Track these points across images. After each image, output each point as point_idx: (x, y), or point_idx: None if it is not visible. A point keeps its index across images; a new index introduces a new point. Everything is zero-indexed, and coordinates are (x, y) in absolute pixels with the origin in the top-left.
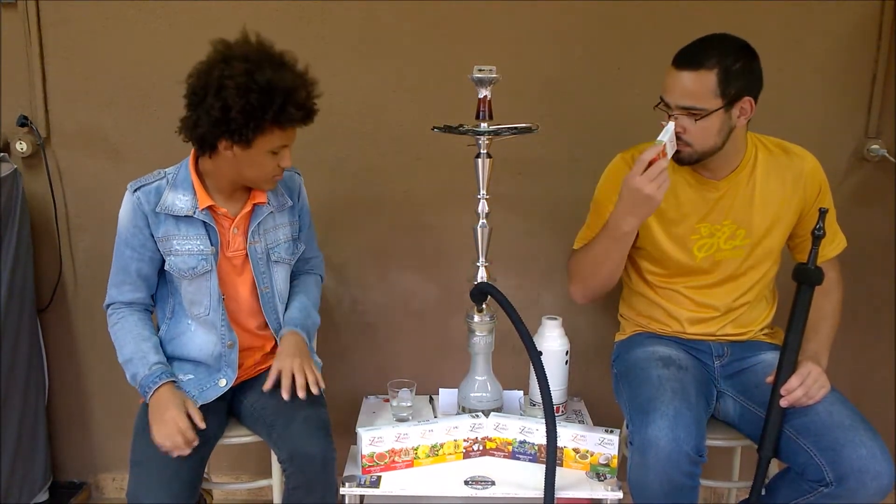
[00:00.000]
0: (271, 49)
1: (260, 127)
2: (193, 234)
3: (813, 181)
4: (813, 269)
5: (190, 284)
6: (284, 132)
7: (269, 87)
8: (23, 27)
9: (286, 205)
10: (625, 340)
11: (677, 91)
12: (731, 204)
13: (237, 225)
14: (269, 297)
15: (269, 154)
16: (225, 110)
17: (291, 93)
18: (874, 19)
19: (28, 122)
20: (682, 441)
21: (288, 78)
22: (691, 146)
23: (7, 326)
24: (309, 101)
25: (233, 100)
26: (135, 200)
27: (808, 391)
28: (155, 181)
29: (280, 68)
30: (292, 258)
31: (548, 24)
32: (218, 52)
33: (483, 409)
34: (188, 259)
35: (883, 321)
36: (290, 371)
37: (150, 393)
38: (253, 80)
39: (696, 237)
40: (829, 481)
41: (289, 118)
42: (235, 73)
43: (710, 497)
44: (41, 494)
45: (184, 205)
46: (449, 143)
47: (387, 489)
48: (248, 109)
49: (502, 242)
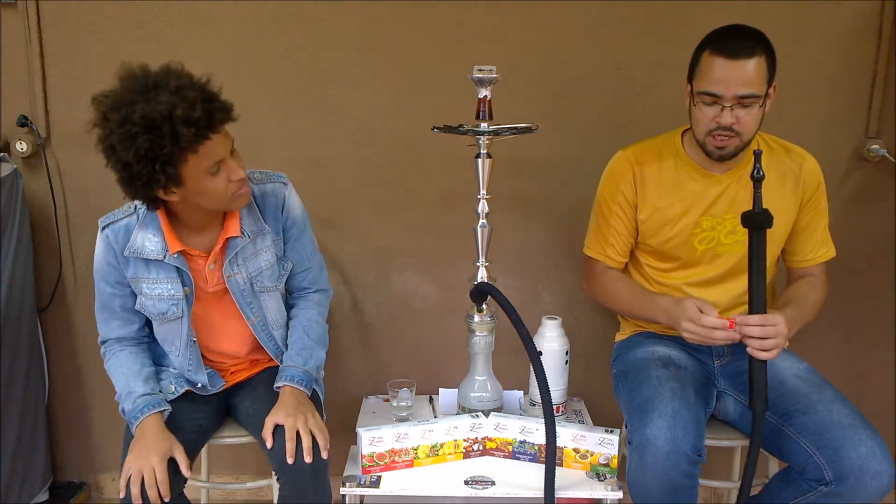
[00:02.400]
0: (144, 76)
1: (169, 163)
2: (164, 276)
3: (811, 179)
4: (759, 211)
5: (161, 325)
6: (199, 153)
7: (148, 121)
8: (23, 27)
9: (264, 230)
10: (624, 340)
11: (734, 81)
12: (733, 198)
13: (213, 260)
14: (262, 326)
15: (208, 177)
16: (126, 167)
17: (171, 115)
18: (874, 19)
19: (28, 122)
20: (681, 441)
21: (163, 101)
22: (740, 136)
23: (7, 326)
24: (195, 113)
25: (125, 154)
26: (104, 238)
27: (765, 337)
28: (125, 218)
29: (153, 94)
30: (278, 283)
31: (548, 24)
32: (96, 110)
33: (483, 409)
34: (158, 304)
35: (883, 321)
36: (294, 430)
37: (134, 425)
38: (130, 122)
39: (698, 230)
40: (828, 480)
41: (187, 140)
42: (114, 127)
43: (710, 497)
44: (41, 494)
45: (154, 247)
46: (449, 143)
47: (387, 489)
48: (144, 154)
49: (502, 242)
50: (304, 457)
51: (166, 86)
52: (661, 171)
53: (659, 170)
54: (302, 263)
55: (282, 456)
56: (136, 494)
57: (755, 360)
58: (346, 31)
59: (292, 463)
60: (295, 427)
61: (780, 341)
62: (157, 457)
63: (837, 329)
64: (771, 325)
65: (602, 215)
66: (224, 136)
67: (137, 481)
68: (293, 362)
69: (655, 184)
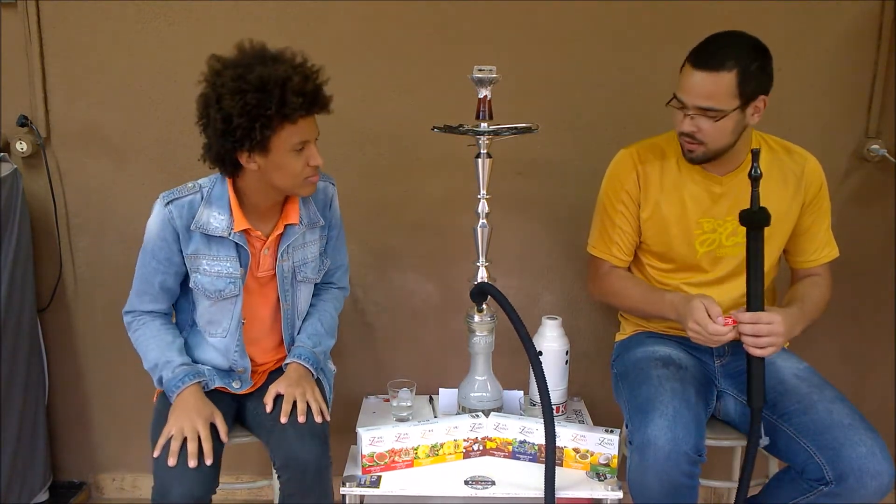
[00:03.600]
0: (263, 49)
1: (267, 125)
2: (224, 255)
3: (813, 180)
4: (756, 210)
5: (212, 305)
6: (295, 125)
7: (262, 82)
8: (23, 27)
9: (317, 223)
10: (625, 340)
11: (695, 92)
12: (734, 200)
13: (268, 245)
14: (290, 314)
15: (292, 153)
16: (227, 120)
17: (286, 82)
18: (874, 19)
19: (28, 122)
20: (682, 441)
21: (280, 70)
22: (705, 145)
23: (7, 326)
24: (307, 86)
25: (231, 106)
26: (166, 213)
27: (757, 335)
28: (189, 195)
29: (271, 63)
30: (317, 277)
31: (548, 24)
32: (210, 67)
33: (483, 409)
34: (216, 281)
35: (883, 321)
36: (293, 397)
37: (175, 394)
38: (245, 80)
39: (699, 231)
40: (828, 480)
41: (292, 108)
42: (227, 81)
43: (710, 497)
44: (41, 494)
45: (219, 224)
46: (449, 143)
47: (387, 489)
48: (248, 110)
49: (502, 242)
50: (298, 416)
51: (285, 59)
52: (664, 169)
53: (661, 168)
54: (336, 261)
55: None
56: (176, 450)
57: (753, 358)
58: (346, 31)
59: (284, 423)
60: (294, 396)
61: (774, 339)
62: (200, 420)
63: (837, 329)
64: (765, 322)
65: (606, 214)
66: (315, 123)
67: (180, 438)
68: (303, 343)
69: (658, 182)
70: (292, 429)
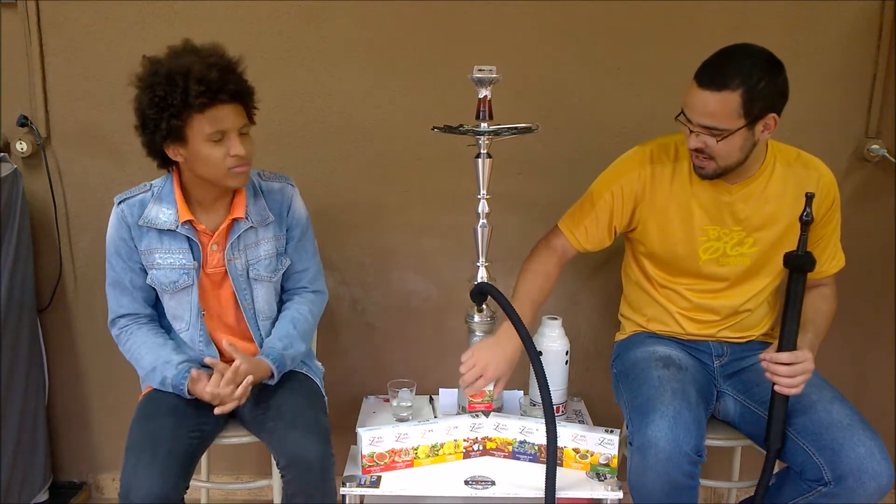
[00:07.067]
0: (187, 45)
1: (175, 115)
2: (176, 247)
3: (828, 194)
4: (803, 255)
5: (171, 299)
6: (205, 115)
7: (169, 74)
8: (23, 27)
9: (268, 220)
10: (625, 340)
11: (699, 110)
12: (742, 210)
13: (216, 241)
14: (251, 314)
15: (209, 144)
16: (140, 112)
17: (189, 73)
18: (874, 19)
19: (28, 122)
20: (682, 441)
21: (187, 61)
22: (715, 161)
23: (7, 326)
24: (210, 74)
25: (143, 99)
26: (119, 213)
27: (794, 375)
28: (139, 194)
29: (182, 56)
30: (273, 275)
31: (548, 24)
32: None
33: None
34: (170, 273)
35: (883, 321)
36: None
37: (185, 387)
38: (155, 74)
39: (704, 238)
40: (827, 481)
41: (195, 96)
42: (144, 76)
43: (710, 497)
44: (41, 494)
45: (167, 218)
46: (449, 143)
47: (387, 489)
48: (157, 102)
49: (502, 242)
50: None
51: (195, 51)
52: (676, 171)
53: (673, 171)
54: (301, 263)
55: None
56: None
57: (778, 397)
58: (346, 31)
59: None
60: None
61: (807, 377)
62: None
63: (837, 329)
64: (800, 361)
65: (590, 197)
66: (236, 112)
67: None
68: (273, 345)
69: (668, 184)
70: (295, 428)
